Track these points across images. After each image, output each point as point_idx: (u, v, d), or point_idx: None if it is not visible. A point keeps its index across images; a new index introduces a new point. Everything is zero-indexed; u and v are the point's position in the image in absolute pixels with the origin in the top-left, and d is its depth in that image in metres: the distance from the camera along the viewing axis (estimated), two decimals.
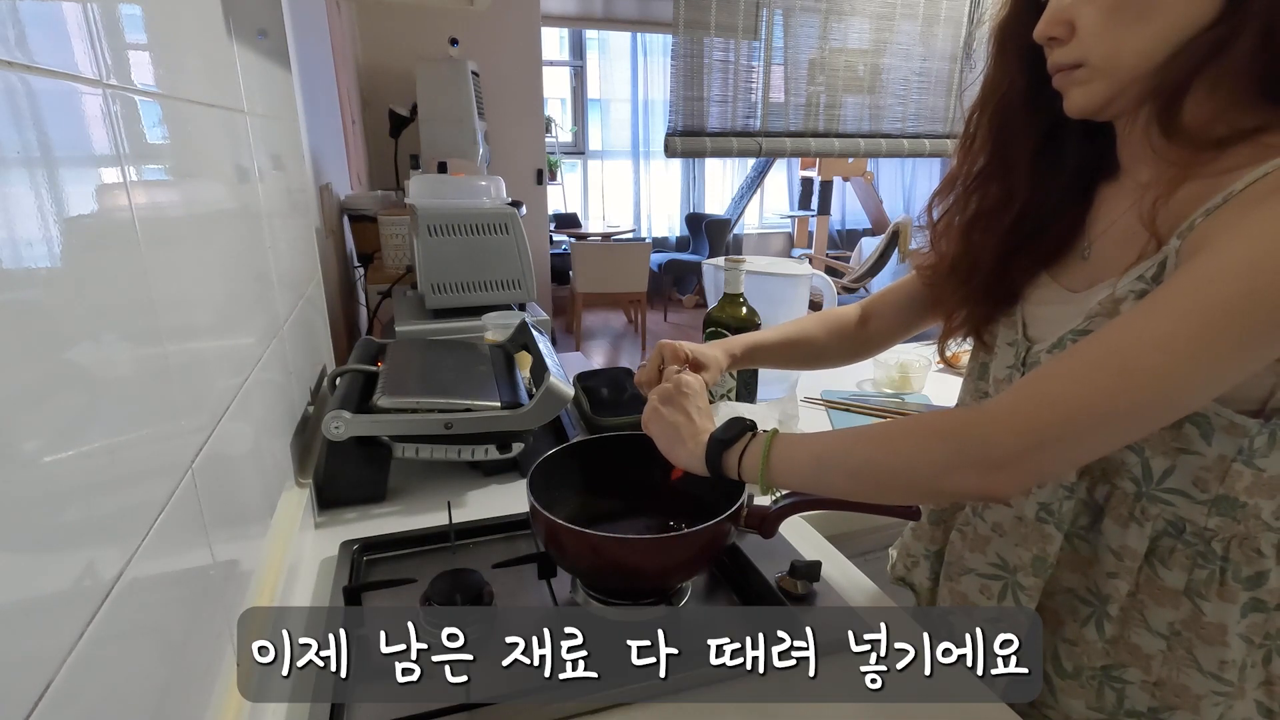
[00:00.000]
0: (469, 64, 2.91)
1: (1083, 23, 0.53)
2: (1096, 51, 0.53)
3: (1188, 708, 0.58)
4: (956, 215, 0.70)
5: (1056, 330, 0.61)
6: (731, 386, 1.16)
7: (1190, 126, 0.52)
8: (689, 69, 2.28)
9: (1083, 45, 0.54)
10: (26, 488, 0.31)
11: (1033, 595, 0.64)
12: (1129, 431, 0.50)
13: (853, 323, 0.87)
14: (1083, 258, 0.63)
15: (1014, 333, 0.67)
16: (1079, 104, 0.56)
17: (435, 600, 0.66)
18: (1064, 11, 0.54)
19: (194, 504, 0.49)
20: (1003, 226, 0.66)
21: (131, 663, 0.38)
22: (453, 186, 1.53)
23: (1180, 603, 0.57)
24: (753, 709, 0.59)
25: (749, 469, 0.61)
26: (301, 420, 0.93)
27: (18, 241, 0.31)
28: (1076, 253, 0.64)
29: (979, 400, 0.72)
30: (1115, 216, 0.61)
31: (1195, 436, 0.54)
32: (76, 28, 0.39)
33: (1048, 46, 0.57)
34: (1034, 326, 0.65)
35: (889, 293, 0.86)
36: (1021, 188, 0.64)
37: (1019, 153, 0.64)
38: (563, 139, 5.93)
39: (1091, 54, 0.54)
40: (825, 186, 5.64)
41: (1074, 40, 0.54)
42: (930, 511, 0.76)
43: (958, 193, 0.70)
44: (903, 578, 0.81)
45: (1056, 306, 0.63)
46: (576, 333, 4.68)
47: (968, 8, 2.47)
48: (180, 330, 0.50)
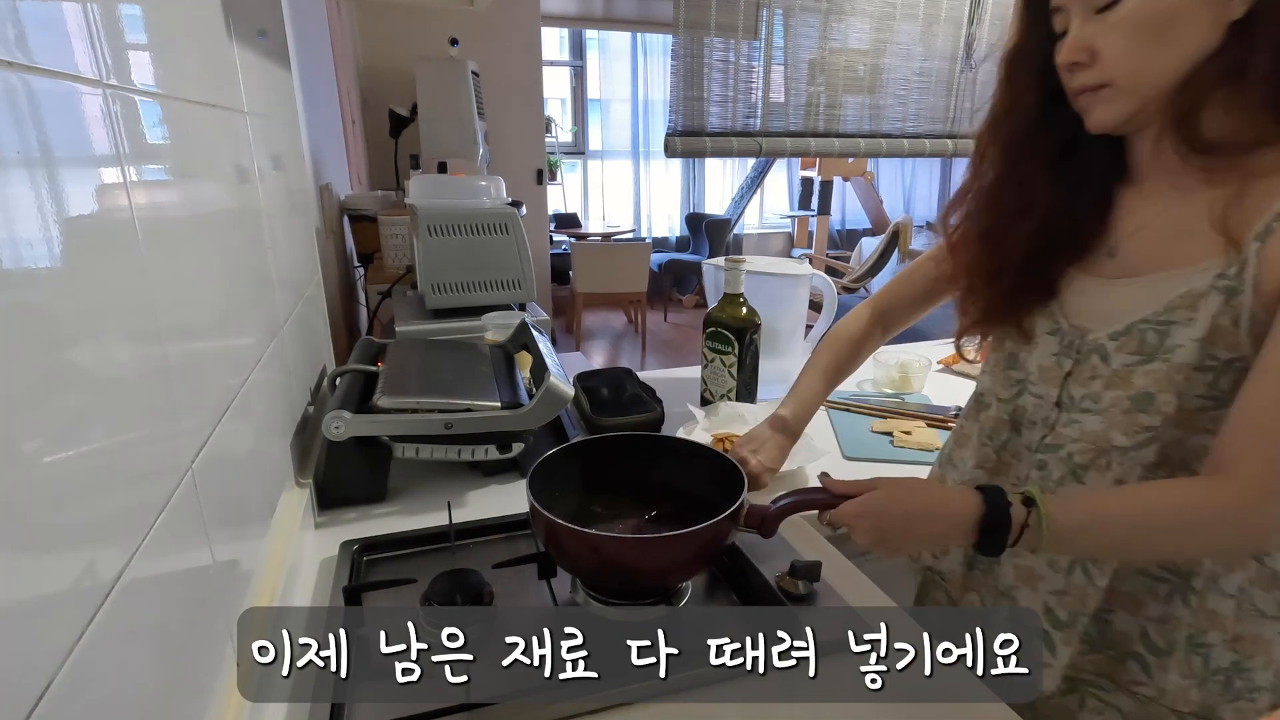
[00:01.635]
0: (469, 64, 2.91)
1: (1105, 48, 0.59)
2: (1121, 73, 0.59)
3: (1262, 653, 0.64)
4: (972, 229, 0.75)
5: (1108, 317, 0.66)
6: (731, 387, 1.16)
7: (1213, 138, 0.58)
8: (689, 69, 2.28)
9: (1105, 68, 0.60)
10: (27, 488, 0.31)
11: (1104, 570, 0.67)
12: None
13: (876, 335, 0.94)
14: (1109, 255, 0.68)
15: (1052, 322, 0.70)
16: (1104, 120, 0.62)
17: (435, 600, 0.66)
18: (1085, 40, 0.60)
19: (194, 504, 0.49)
20: (1025, 231, 0.70)
21: (131, 663, 0.38)
22: (453, 186, 1.53)
23: (1249, 564, 0.63)
24: (753, 709, 0.59)
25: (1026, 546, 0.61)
26: (301, 420, 0.93)
27: (18, 241, 0.31)
28: (1102, 251, 0.69)
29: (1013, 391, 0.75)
30: (1144, 219, 0.66)
31: None
32: (76, 28, 0.39)
33: (1071, 70, 0.62)
34: (1076, 315, 0.69)
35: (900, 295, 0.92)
36: (1040, 197, 0.69)
37: (1034, 167, 0.69)
38: (563, 139, 5.93)
39: (1116, 75, 0.59)
40: (825, 186, 5.65)
41: (1096, 64, 0.60)
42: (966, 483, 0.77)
43: (970, 206, 0.75)
44: (930, 566, 0.81)
45: (1096, 294, 0.68)
46: (576, 333, 4.68)
47: (968, 8, 2.47)
48: (180, 330, 0.50)
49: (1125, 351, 0.64)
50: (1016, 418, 0.75)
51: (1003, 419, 0.76)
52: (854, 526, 0.65)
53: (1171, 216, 0.63)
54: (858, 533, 0.65)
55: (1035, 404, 0.72)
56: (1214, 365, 0.59)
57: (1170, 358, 0.61)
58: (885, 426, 1.19)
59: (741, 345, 1.14)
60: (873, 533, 0.64)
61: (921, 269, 0.90)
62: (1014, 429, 0.75)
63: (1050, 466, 0.70)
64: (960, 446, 0.84)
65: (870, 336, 0.94)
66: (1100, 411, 0.66)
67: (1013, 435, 0.76)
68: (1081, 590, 0.69)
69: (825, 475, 0.70)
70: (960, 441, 0.84)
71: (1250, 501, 0.55)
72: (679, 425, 1.10)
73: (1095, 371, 0.66)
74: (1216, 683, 0.65)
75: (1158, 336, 0.61)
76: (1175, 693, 0.66)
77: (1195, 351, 0.59)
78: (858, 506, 0.65)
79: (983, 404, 0.80)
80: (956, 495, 0.63)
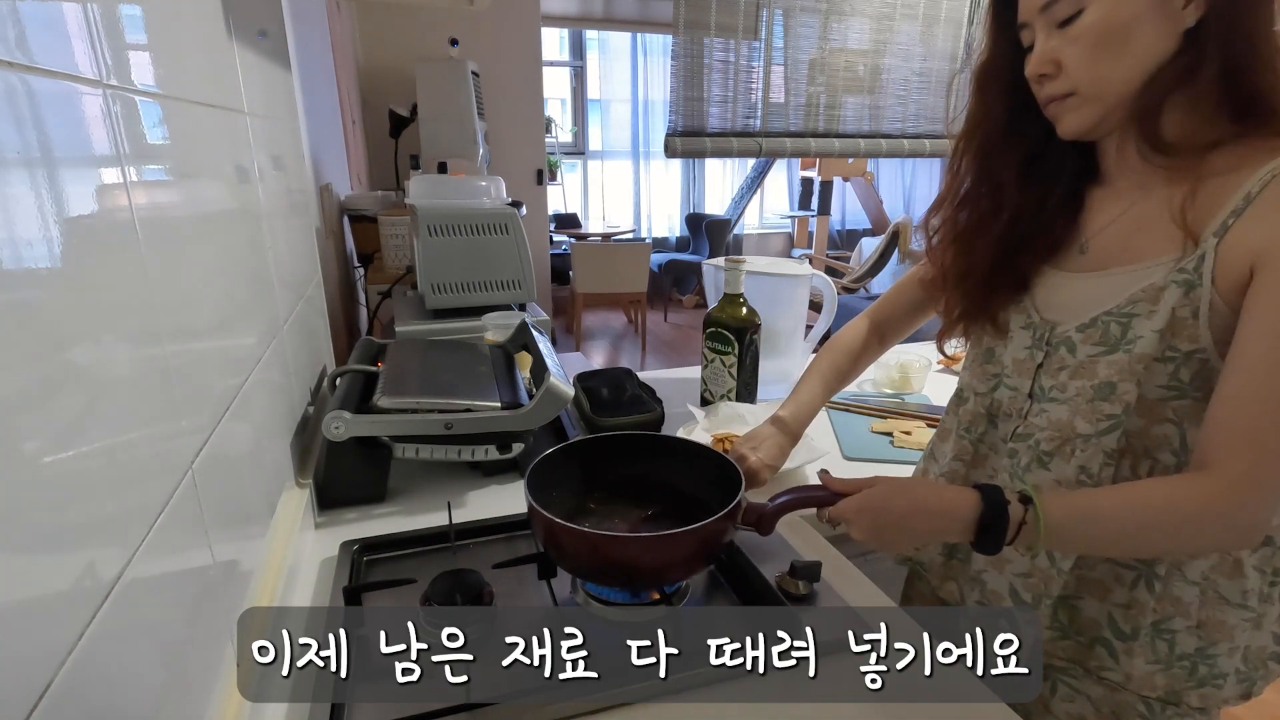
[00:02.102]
0: (469, 64, 2.91)
1: (1069, 60, 0.62)
2: (1084, 82, 0.62)
3: (1225, 639, 0.66)
4: (950, 231, 0.79)
5: (1076, 310, 0.68)
6: (731, 387, 1.16)
7: (1172, 139, 0.61)
8: (689, 69, 2.28)
9: (1070, 78, 0.63)
10: (27, 488, 0.31)
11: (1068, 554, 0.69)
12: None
13: (874, 345, 0.96)
14: (1080, 252, 0.71)
15: (1026, 316, 0.73)
16: (1073, 127, 0.65)
17: (435, 600, 0.66)
18: (1051, 52, 0.63)
19: (194, 504, 0.49)
20: (997, 231, 0.73)
21: (131, 663, 0.38)
22: (453, 186, 1.53)
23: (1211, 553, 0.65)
24: (753, 709, 0.59)
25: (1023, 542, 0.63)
26: (301, 420, 0.93)
27: (18, 241, 0.32)
28: (1074, 249, 0.72)
29: (989, 385, 0.77)
30: (1111, 217, 0.69)
31: None
32: (76, 28, 0.39)
33: (1038, 83, 0.66)
34: (1047, 309, 0.72)
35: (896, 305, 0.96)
36: (1010, 199, 0.73)
37: (1004, 172, 0.73)
38: (563, 139, 5.93)
39: (1081, 84, 0.63)
40: (825, 187, 5.64)
41: (1062, 76, 0.63)
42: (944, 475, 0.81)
43: (947, 211, 0.79)
44: (910, 556, 0.84)
45: (1066, 289, 0.71)
46: (576, 333, 4.68)
47: (968, 8, 2.47)
48: (180, 330, 0.50)
49: (1090, 343, 0.66)
50: (993, 410, 0.77)
51: (979, 412, 0.78)
52: (852, 522, 0.66)
53: (1135, 214, 0.67)
54: (855, 529, 0.66)
55: (1010, 396, 0.74)
56: (1174, 356, 0.62)
57: (1131, 348, 0.63)
58: (885, 427, 1.19)
59: (741, 345, 1.14)
60: (871, 529, 0.65)
61: (912, 279, 0.92)
62: (990, 421, 0.78)
63: (1019, 454, 0.73)
64: (941, 440, 0.86)
65: (868, 348, 0.96)
66: (1066, 400, 0.68)
67: (989, 428, 0.78)
68: (1045, 574, 0.71)
69: (825, 472, 0.71)
70: (941, 435, 0.87)
71: (1236, 496, 0.57)
72: (679, 425, 1.10)
73: (1063, 363, 0.69)
74: (1182, 668, 0.67)
75: (1120, 328, 0.64)
76: (1141, 678, 0.68)
77: (1155, 343, 0.62)
78: (856, 503, 0.65)
79: (961, 398, 0.82)
80: (954, 493, 0.64)
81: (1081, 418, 0.67)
